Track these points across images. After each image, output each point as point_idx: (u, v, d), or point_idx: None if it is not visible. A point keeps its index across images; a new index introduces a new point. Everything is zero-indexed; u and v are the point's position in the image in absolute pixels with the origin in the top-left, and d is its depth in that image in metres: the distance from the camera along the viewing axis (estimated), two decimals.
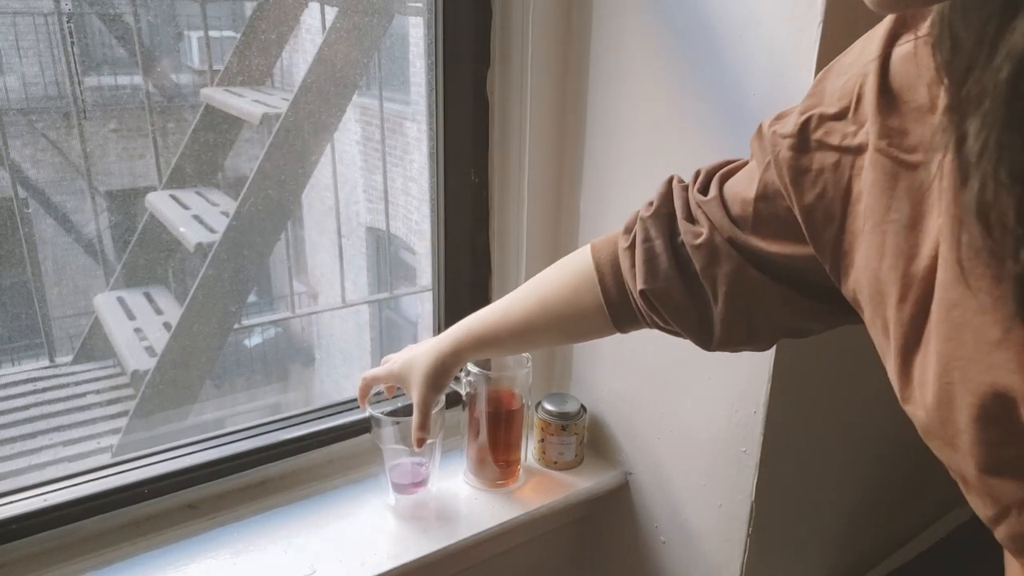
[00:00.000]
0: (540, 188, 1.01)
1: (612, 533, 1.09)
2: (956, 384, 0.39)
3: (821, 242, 0.50)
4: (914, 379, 0.43)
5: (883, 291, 0.45)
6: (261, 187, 2.77)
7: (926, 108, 0.42)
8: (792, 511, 0.94)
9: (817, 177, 0.49)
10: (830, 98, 0.49)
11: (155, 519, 0.89)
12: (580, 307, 0.71)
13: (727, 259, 0.58)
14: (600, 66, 0.93)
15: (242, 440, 0.95)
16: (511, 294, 0.78)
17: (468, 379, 0.95)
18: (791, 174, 0.50)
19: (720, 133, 0.80)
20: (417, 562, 0.87)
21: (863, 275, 0.47)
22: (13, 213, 2.57)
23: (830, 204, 0.49)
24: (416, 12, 3.46)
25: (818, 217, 0.50)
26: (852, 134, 0.47)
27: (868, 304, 0.47)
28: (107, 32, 3.14)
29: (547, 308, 0.74)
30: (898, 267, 0.43)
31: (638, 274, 0.64)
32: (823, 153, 0.48)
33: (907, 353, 0.43)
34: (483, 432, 0.96)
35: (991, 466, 0.39)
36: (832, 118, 0.48)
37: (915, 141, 0.43)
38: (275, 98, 2.91)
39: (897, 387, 0.45)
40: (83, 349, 3.07)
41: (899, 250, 0.43)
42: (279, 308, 4.29)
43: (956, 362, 0.39)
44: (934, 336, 0.41)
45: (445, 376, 0.81)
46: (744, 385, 0.84)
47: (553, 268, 0.75)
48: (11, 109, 2.99)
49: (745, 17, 0.75)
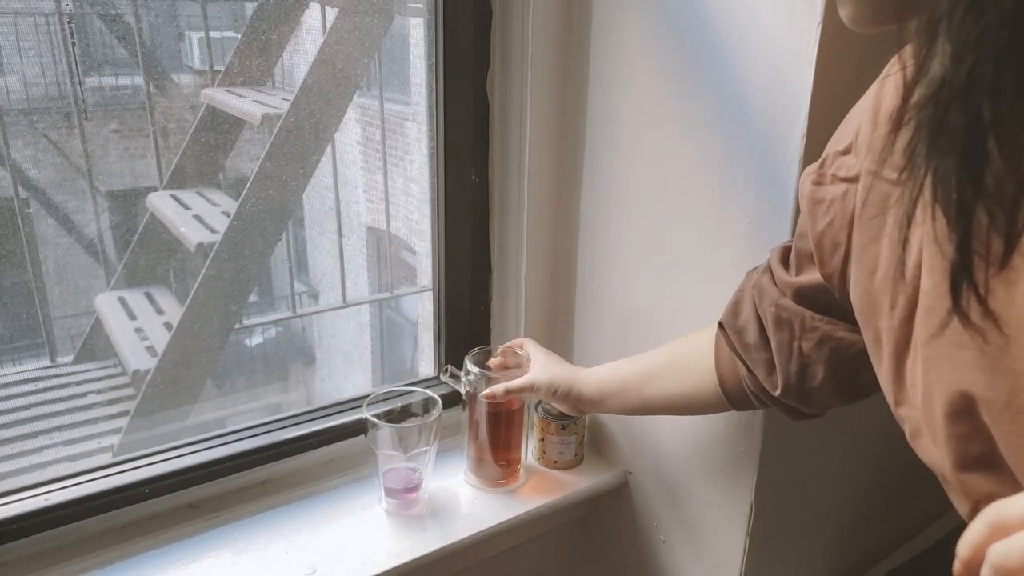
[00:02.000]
0: (540, 188, 1.01)
1: (612, 533, 1.09)
2: (933, 383, 0.43)
3: (829, 268, 0.55)
4: (907, 382, 0.46)
5: (875, 302, 0.49)
6: (262, 187, 2.77)
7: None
8: (792, 511, 0.94)
9: (829, 207, 0.54)
10: (843, 136, 0.55)
11: (156, 519, 0.89)
12: (698, 358, 0.74)
13: (767, 293, 0.65)
14: (600, 66, 0.93)
15: (243, 440, 0.95)
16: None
17: (468, 378, 0.94)
18: (808, 205, 0.56)
19: (720, 133, 0.80)
20: (417, 561, 0.87)
21: (855, 291, 0.51)
22: (14, 213, 2.58)
23: (837, 232, 0.54)
24: (416, 13, 3.47)
25: (826, 245, 0.55)
26: (852, 166, 0.52)
27: (860, 317, 0.51)
28: (108, 32, 3.14)
29: (672, 356, 0.79)
30: (890, 276, 0.47)
31: (724, 311, 0.70)
32: (835, 186, 0.54)
33: (899, 357, 0.46)
34: (483, 432, 0.96)
35: (961, 462, 0.42)
36: (842, 153, 0.54)
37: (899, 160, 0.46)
38: (276, 98, 2.91)
39: (891, 392, 0.48)
40: (84, 349, 3.08)
41: (890, 262, 0.47)
42: (280, 308, 4.30)
43: (932, 362, 0.43)
44: (919, 339, 0.44)
45: (564, 391, 0.85)
46: None
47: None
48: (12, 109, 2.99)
49: (745, 18, 0.75)
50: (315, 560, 0.85)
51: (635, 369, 0.81)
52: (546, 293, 1.07)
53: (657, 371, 0.78)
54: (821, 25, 0.68)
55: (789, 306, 0.62)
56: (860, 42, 0.53)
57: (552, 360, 0.90)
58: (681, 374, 0.76)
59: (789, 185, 0.73)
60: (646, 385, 0.79)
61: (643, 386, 0.79)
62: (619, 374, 0.82)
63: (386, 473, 0.93)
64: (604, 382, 0.83)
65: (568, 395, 0.85)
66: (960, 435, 0.41)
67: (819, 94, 0.69)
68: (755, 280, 0.67)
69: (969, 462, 0.42)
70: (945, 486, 0.46)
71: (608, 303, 1.00)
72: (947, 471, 0.43)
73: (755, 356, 0.67)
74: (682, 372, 0.76)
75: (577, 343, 1.07)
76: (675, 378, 0.77)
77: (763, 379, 0.67)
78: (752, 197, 0.78)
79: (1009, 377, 0.38)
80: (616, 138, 0.93)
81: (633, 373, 0.80)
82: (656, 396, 0.78)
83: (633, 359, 0.82)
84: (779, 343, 0.64)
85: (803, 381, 0.64)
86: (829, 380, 0.63)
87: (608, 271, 0.99)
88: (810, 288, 0.60)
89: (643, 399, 0.80)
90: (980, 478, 0.42)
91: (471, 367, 0.94)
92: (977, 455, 0.41)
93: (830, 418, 0.93)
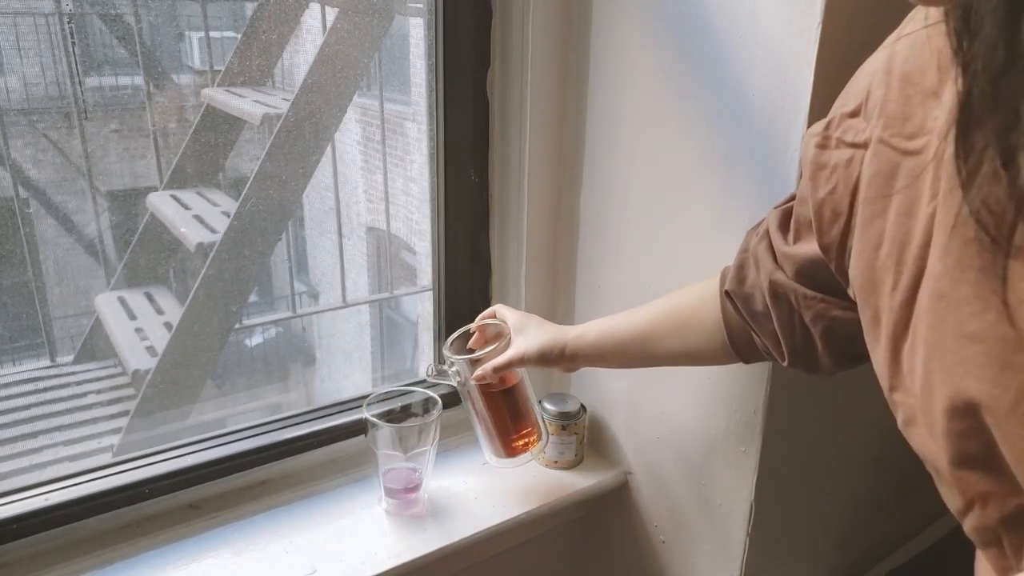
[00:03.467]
0: (540, 188, 1.01)
1: (612, 533, 1.09)
2: (935, 373, 0.41)
3: (827, 239, 0.52)
4: (903, 366, 0.44)
5: (877, 280, 0.46)
6: (262, 187, 2.77)
7: (931, 92, 0.43)
8: (792, 511, 0.94)
9: (832, 173, 0.51)
10: (851, 97, 0.51)
11: (156, 519, 0.89)
12: (702, 317, 0.72)
13: (763, 264, 0.62)
14: (600, 66, 0.93)
15: (243, 440, 0.95)
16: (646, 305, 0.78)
17: (453, 369, 0.90)
18: (811, 170, 0.52)
19: (720, 133, 0.80)
20: (417, 561, 0.87)
21: (856, 266, 0.48)
22: (14, 213, 2.57)
23: (839, 201, 0.50)
24: (416, 13, 3.47)
25: (826, 214, 0.51)
26: (862, 130, 0.48)
27: (860, 294, 0.48)
28: (108, 32, 3.14)
29: (671, 314, 0.75)
30: (893, 254, 0.44)
31: (729, 278, 0.67)
32: (840, 150, 0.50)
33: (897, 340, 0.44)
34: (489, 416, 0.90)
35: (959, 458, 0.40)
36: (850, 115, 0.50)
37: (915, 127, 0.44)
38: (276, 98, 2.91)
39: (886, 375, 0.46)
40: (84, 349, 3.08)
41: (895, 238, 0.44)
42: (280, 308, 4.29)
43: (936, 352, 0.40)
44: (922, 324, 0.42)
45: (557, 354, 0.81)
46: (744, 385, 0.84)
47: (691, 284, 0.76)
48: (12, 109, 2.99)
49: (745, 18, 0.75)
50: (315, 560, 0.85)
51: (634, 328, 0.78)
52: (546, 293, 1.07)
53: (659, 330, 0.76)
54: (821, 25, 0.68)
55: (783, 281, 0.60)
56: (860, 42, 0.53)
57: (532, 324, 0.85)
58: (686, 332, 0.74)
59: (789, 185, 0.73)
60: (649, 344, 0.76)
61: (645, 345, 0.77)
62: (616, 334, 0.79)
63: (386, 473, 0.93)
64: (601, 342, 0.80)
65: (561, 358, 0.82)
66: (960, 432, 0.40)
67: (819, 94, 0.69)
68: (753, 247, 0.65)
69: (967, 459, 0.40)
70: (937, 479, 0.44)
71: (608, 303, 1.00)
72: (942, 465, 0.42)
73: (763, 325, 0.65)
74: (687, 331, 0.74)
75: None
76: (680, 337, 0.74)
77: (771, 348, 0.66)
78: (752, 197, 0.78)
79: (1020, 374, 0.36)
80: (616, 138, 0.93)
81: (632, 334, 0.78)
82: (659, 353, 0.77)
83: (629, 317, 0.79)
84: (780, 317, 0.62)
85: (808, 351, 0.63)
86: (826, 353, 0.62)
87: (608, 271, 0.99)
88: (806, 263, 0.58)
89: (645, 356, 0.78)
90: (977, 476, 0.40)
91: (451, 356, 0.89)
92: (976, 453, 0.40)
93: (830, 418, 0.93)
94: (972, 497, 0.41)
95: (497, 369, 0.84)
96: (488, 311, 0.91)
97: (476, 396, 0.89)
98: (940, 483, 0.44)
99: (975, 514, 0.41)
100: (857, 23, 0.68)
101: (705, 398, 0.89)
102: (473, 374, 0.86)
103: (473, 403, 0.91)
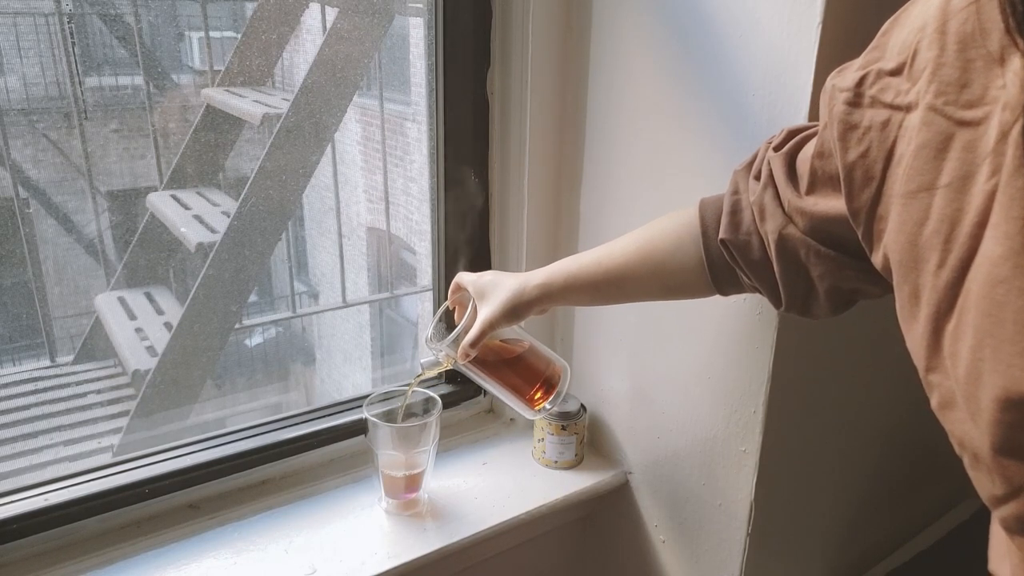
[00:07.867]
0: (540, 188, 1.01)
1: (612, 533, 1.09)
2: (986, 361, 0.38)
3: (857, 204, 0.49)
4: (944, 348, 0.42)
5: (920, 256, 0.43)
6: (262, 187, 2.77)
7: (995, 57, 0.40)
8: (792, 510, 0.94)
9: (864, 135, 0.47)
10: (891, 52, 0.46)
11: (156, 519, 0.89)
12: (681, 259, 0.69)
13: (772, 216, 0.59)
14: (600, 66, 0.93)
15: (243, 440, 0.95)
16: (610, 242, 0.75)
17: (440, 356, 0.86)
18: (840, 128, 0.49)
19: (720, 132, 0.80)
20: (417, 562, 0.87)
21: (896, 240, 0.45)
22: (14, 213, 2.57)
23: (872, 164, 0.47)
24: (416, 12, 3.47)
25: (857, 176, 0.48)
26: (905, 92, 0.45)
27: (898, 269, 0.45)
28: (108, 32, 3.14)
29: (648, 256, 0.72)
30: (941, 232, 0.41)
31: (722, 224, 0.64)
32: (875, 110, 0.46)
33: (939, 320, 0.42)
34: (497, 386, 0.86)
35: (1007, 447, 0.38)
36: (889, 73, 0.46)
37: (975, 95, 0.40)
38: (276, 98, 2.91)
39: (923, 355, 0.43)
40: (84, 349, 3.08)
41: (944, 215, 0.41)
42: (280, 308, 4.29)
43: (991, 340, 0.38)
44: (973, 308, 0.39)
45: (524, 307, 0.78)
46: (744, 385, 0.84)
47: (660, 219, 0.73)
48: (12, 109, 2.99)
49: (745, 18, 0.75)
50: (315, 560, 0.85)
51: (607, 272, 0.74)
52: None
53: (634, 273, 0.73)
54: (821, 25, 0.68)
55: (796, 235, 0.57)
56: (860, 42, 0.53)
57: (490, 286, 0.81)
58: (664, 272, 0.72)
59: None
60: (624, 287, 0.75)
61: (620, 288, 0.75)
62: (588, 279, 0.76)
63: (386, 473, 0.93)
64: (571, 285, 0.76)
65: (529, 309, 0.78)
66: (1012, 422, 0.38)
67: (819, 94, 0.69)
68: (756, 196, 0.61)
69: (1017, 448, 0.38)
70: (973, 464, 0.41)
71: None
72: (984, 452, 0.39)
73: (760, 273, 0.63)
74: (665, 271, 0.71)
75: (577, 342, 1.07)
76: (658, 278, 0.72)
77: (767, 294, 0.65)
78: None
79: None
80: (616, 138, 0.93)
81: (607, 278, 0.75)
82: (634, 294, 0.76)
83: (600, 260, 0.75)
84: (784, 270, 0.60)
85: (807, 300, 0.62)
86: (827, 302, 0.61)
87: None
88: (824, 220, 0.54)
89: (620, 297, 0.78)
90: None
91: (433, 344, 0.86)
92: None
93: (830, 418, 0.93)
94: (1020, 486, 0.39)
95: (473, 344, 0.80)
96: (452, 283, 0.87)
97: (475, 372, 0.85)
98: (976, 469, 0.41)
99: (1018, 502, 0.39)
100: (857, 23, 0.68)
101: (705, 398, 0.89)
102: (458, 356, 0.83)
103: (479, 378, 0.86)
